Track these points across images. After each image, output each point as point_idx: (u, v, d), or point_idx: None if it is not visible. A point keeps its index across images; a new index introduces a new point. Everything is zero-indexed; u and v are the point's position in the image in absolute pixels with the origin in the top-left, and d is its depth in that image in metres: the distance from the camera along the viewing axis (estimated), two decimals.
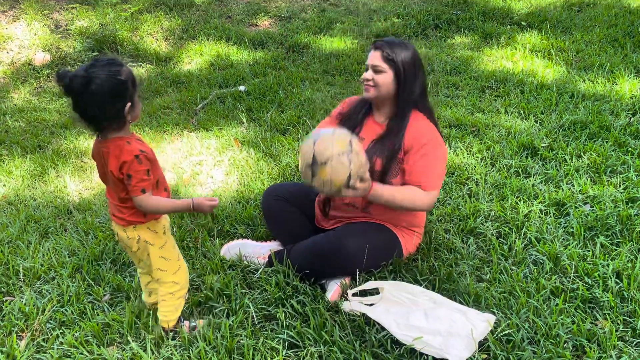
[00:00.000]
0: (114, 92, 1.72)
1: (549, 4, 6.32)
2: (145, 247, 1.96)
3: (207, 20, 6.47)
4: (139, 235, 1.93)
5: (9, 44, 6.05)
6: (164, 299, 2.04)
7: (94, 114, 1.73)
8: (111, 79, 1.71)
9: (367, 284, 2.25)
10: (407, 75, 2.24)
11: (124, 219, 1.91)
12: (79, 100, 1.71)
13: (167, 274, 2.01)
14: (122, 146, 1.78)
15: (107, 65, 1.72)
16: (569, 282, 2.25)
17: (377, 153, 2.28)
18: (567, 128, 3.61)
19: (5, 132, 4.29)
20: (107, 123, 1.77)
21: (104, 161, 1.83)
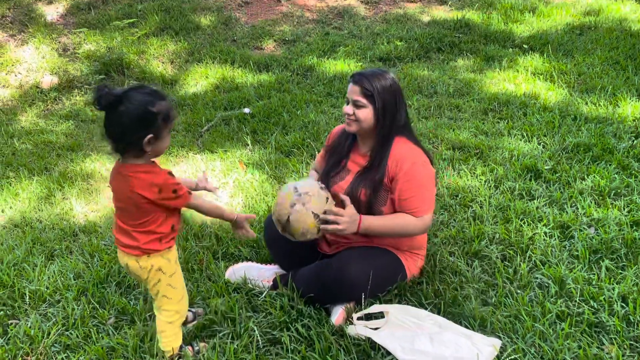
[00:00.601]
0: (139, 119, 1.73)
1: (550, 27, 6.39)
2: (155, 275, 1.95)
3: (212, 43, 6.57)
4: (152, 265, 1.93)
5: (17, 67, 6.15)
6: (163, 329, 2.03)
7: (115, 134, 1.76)
8: (141, 106, 1.72)
9: (372, 308, 2.24)
10: (387, 107, 2.24)
11: (139, 247, 1.89)
12: (107, 116, 1.74)
13: (171, 302, 2.01)
14: (150, 170, 1.81)
15: (146, 93, 1.75)
16: (575, 306, 2.25)
17: (361, 185, 2.29)
18: (570, 150, 3.62)
19: (13, 155, 4.33)
20: (125, 147, 1.78)
21: (127, 187, 1.80)
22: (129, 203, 1.84)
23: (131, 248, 1.90)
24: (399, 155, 2.24)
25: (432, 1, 7.55)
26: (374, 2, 7.58)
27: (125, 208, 1.87)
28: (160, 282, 1.96)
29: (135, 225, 1.87)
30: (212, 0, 7.44)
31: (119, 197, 1.88)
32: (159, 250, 1.92)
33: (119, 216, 1.91)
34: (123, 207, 1.88)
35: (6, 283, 2.61)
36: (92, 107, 5.42)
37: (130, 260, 1.93)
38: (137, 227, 1.87)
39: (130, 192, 1.80)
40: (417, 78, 5.35)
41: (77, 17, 6.91)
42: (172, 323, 2.03)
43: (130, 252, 1.91)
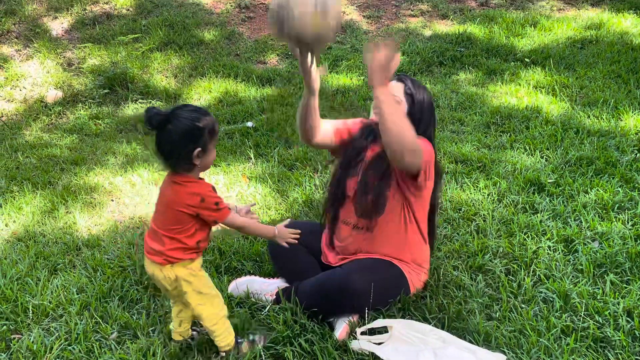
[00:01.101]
0: (187, 135, 1.85)
1: (551, 41, 6.42)
2: (181, 286, 1.99)
3: (215, 58, 6.62)
4: (175, 275, 1.97)
5: (22, 81, 6.20)
6: (212, 330, 2.08)
7: (165, 152, 1.88)
8: (189, 122, 1.84)
9: (375, 322, 2.23)
10: (424, 116, 2.31)
11: (163, 253, 1.94)
12: (157, 135, 1.86)
13: (206, 307, 2.04)
14: (196, 181, 1.92)
15: (191, 110, 1.88)
16: (580, 320, 2.23)
17: (372, 168, 2.31)
18: (573, 164, 3.63)
19: (17, 169, 4.35)
20: (176, 162, 1.89)
21: (172, 193, 1.91)
22: (168, 207, 1.93)
23: (156, 254, 1.96)
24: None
25: (434, 15, 7.60)
26: (376, 16, 7.64)
27: (164, 211, 1.95)
28: (187, 293, 2.00)
29: (166, 229, 1.94)
30: (216, 15, 7.51)
31: (161, 201, 1.98)
32: (181, 260, 1.97)
33: (155, 219, 1.99)
34: (162, 210, 1.97)
35: (9, 297, 2.60)
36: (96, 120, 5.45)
37: (155, 269, 1.99)
38: (167, 232, 1.94)
39: (174, 196, 1.90)
40: None
41: (81, 32, 6.98)
42: (216, 324, 2.07)
43: (155, 260, 1.97)
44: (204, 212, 1.91)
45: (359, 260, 2.36)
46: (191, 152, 1.86)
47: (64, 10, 7.24)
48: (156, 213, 2.01)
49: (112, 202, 3.73)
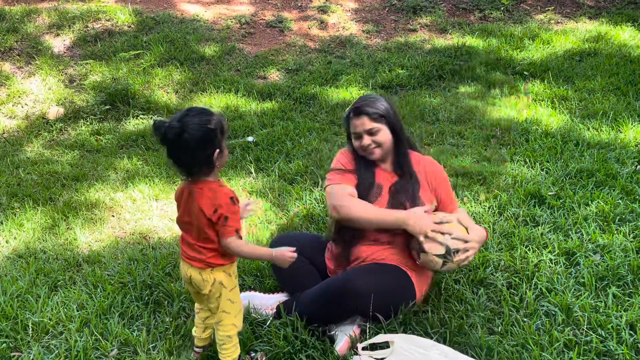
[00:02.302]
0: (204, 140, 1.86)
1: (550, 54, 6.46)
2: (218, 289, 2.02)
3: (216, 73, 6.66)
4: (214, 278, 2.00)
5: (23, 98, 6.23)
6: (223, 342, 2.09)
7: (186, 160, 1.88)
8: (202, 127, 1.85)
9: (377, 337, 2.22)
10: (395, 121, 2.40)
11: (204, 260, 1.97)
12: (174, 148, 1.86)
13: (229, 317, 2.06)
14: (215, 189, 1.91)
15: (198, 114, 1.87)
16: (582, 334, 2.22)
17: (402, 199, 2.38)
18: (574, 176, 3.63)
19: (18, 185, 4.36)
20: (198, 168, 1.90)
21: (193, 201, 1.92)
22: (194, 219, 1.94)
23: (196, 260, 1.98)
24: (423, 165, 2.48)
25: (433, 30, 7.66)
26: (375, 31, 7.69)
27: (191, 223, 1.97)
28: (222, 296, 2.03)
29: (198, 240, 1.96)
30: (216, 31, 7.57)
31: (186, 213, 1.98)
32: (222, 265, 2.00)
33: (186, 230, 2.01)
34: (189, 222, 1.98)
35: (9, 315, 2.59)
36: (97, 136, 5.47)
37: (194, 272, 2.00)
38: (200, 242, 1.96)
39: (197, 208, 1.91)
40: (419, 105, 5.40)
41: (83, 49, 7.03)
42: (230, 337, 2.09)
43: (195, 265, 1.99)
44: (218, 223, 1.92)
45: (364, 265, 2.37)
46: (211, 156, 1.89)
47: (65, 27, 7.31)
48: (184, 225, 2.01)
49: (113, 218, 3.73)
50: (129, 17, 7.49)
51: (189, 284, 2.07)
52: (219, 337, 2.09)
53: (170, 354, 2.27)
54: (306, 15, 8.10)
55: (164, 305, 2.61)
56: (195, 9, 8.01)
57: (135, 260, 3.04)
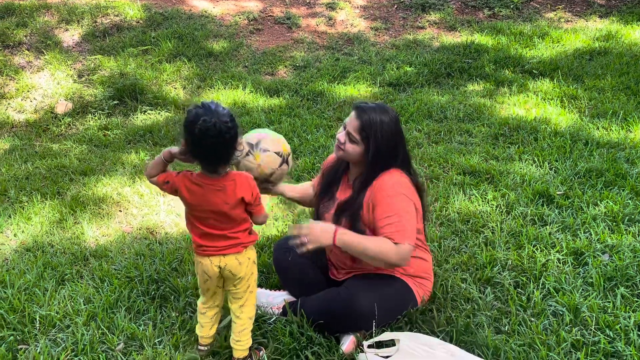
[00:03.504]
0: (237, 133, 1.95)
1: (560, 53, 6.41)
2: (251, 269, 2.12)
3: (224, 69, 6.66)
4: (248, 257, 2.10)
5: (32, 92, 6.26)
6: (245, 327, 2.13)
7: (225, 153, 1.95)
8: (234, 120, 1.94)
9: (382, 335, 2.21)
10: (381, 152, 2.21)
11: (240, 243, 2.05)
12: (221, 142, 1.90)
13: (253, 296, 2.16)
14: (240, 175, 2.01)
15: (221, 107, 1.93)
16: (590, 334, 2.20)
17: (342, 215, 2.30)
18: (583, 176, 3.60)
19: (26, 179, 4.38)
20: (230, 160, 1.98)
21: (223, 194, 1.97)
22: (225, 209, 1.99)
23: (232, 247, 2.05)
24: (379, 185, 2.22)
25: (442, 27, 7.62)
26: (383, 28, 7.67)
27: (220, 215, 2.00)
28: (253, 274, 2.13)
29: (232, 226, 2.03)
30: (224, 27, 7.57)
31: (209, 207, 2.00)
32: (253, 241, 2.12)
33: (210, 224, 2.03)
34: (215, 215, 2.01)
35: (17, 308, 2.61)
36: (105, 131, 5.49)
37: (229, 260, 2.06)
38: (236, 227, 2.04)
39: (230, 198, 1.97)
40: (427, 103, 5.37)
41: (92, 44, 7.05)
42: (251, 318, 2.16)
43: (230, 252, 2.05)
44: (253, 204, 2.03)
45: (363, 276, 2.33)
46: (236, 147, 1.97)
47: (74, 22, 7.33)
48: (209, 220, 2.02)
49: (120, 213, 3.74)
50: (138, 12, 7.50)
51: (217, 278, 2.09)
52: (241, 322, 2.12)
53: (176, 349, 2.28)
54: (314, 12, 8.08)
55: (170, 300, 2.62)
56: (204, 5, 8.01)
57: (142, 255, 3.05)
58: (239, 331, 2.13)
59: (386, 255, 2.12)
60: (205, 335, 2.23)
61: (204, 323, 2.22)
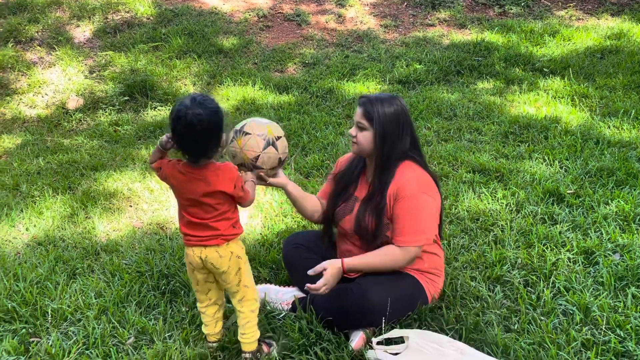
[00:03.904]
0: (219, 125, 1.96)
1: (570, 51, 6.37)
2: (236, 263, 2.11)
3: (234, 66, 6.67)
4: (231, 252, 2.08)
5: (44, 88, 6.31)
6: (249, 320, 2.15)
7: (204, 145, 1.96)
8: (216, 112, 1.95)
9: (392, 332, 2.22)
10: (387, 133, 2.24)
11: (220, 235, 2.05)
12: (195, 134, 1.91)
13: (250, 290, 2.16)
14: (220, 167, 2.02)
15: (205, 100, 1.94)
16: (601, 334, 2.19)
17: (366, 213, 2.31)
18: (594, 175, 3.58)
19: (37, 174, 4.42)
20: (211, 152, 1.99)
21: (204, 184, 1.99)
22: (206, 199, 2.01)
23: (212, 238, 2.05)
24: (401, 182, 2.25)
25: (452, 25, 7.59)
26: (393, 25, 7.65)
27: (200, 204, 2.03)
28: (241, 270, 2.12)
29: (213, 216, 2.03)
30: (234, 24, 7.58)
31: (190, 196, 2.03)
32: (236, 235, 2.10)
33: (192, 212, 2.05)
34: (196, 204, 2.03)
35: (29, 301, 2.64)
36: (116, 126, 5.52)
37: (209, 252, 2.06)
38: (216, 217, 2.04)
39: (210, 189, 1.99)
40: (437, 101, 5.36)
41: (103, 40, 7.09)
42: (254, 311, 2.16)
43: (210, 243, 2.05)
44: (237, 194, 2.04)
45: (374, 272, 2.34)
46: (220, 139, 1.99)
47: (86, 18, 7.37)
48: (190, 207, 2.05)
49: (131, 208, 3.76)
50: (148, 8, 7.53)
51: (200, 269, 2.11)
52: (244, 316, 2.14)
53: (186, 343, 2.30)
54: (324, 9, 8.08)
55: (180, 295, 2.64)
56: (214, 2, 8.02)
57: (152, 250, 3.08)
58: (242, 324, 2.16)
59: (394, 263, 2.27)
60: (211, 333, 2.25)
61: (207, 322, 2.24)
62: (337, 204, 2.46)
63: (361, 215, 2.32)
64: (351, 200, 2.41)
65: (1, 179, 4.34)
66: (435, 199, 2.28)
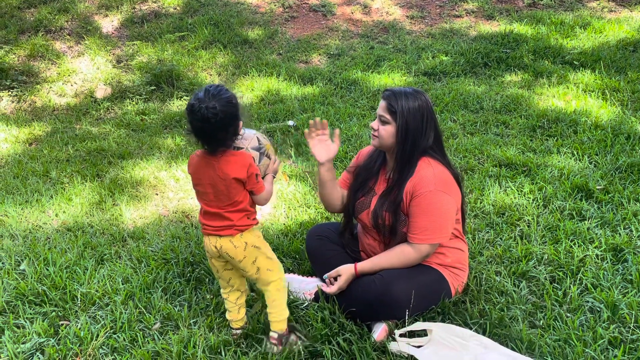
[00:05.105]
0: (234, 115, 1.99)
1: (602, 44, 6.22)
2: (252, 253, 2.12)
3: (259, 56, 6.69)
4: (245, 242, 2.10)
5: (73, 77, 6.42)
6: (275, 299, 2.18)
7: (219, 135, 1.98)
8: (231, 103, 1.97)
9: (415, 325, 2.21)
10: (410, 128, 2.21)
11: (233, 226, 2.07)
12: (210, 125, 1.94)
13: (274, 273, 2.18)
14: (237, 154, 2.05)
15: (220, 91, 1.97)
16: (629, 332, 2.16)
17: (383, 208, 2.30)
18: (624, 170, 3.50)
19: (67, 161, 4.51)
20: (227, 141, 2.02)
21: (216, 170, 2.01)
22: (220, 187, 2.03)
23: (225, 229, 2.08)
24: (418, 179, 2.23)
25: (480, 16, 7.48)
26: (419, 16, 7.57)
27: (216, 193, 2.05)
28: (258, 258, 2.14)
29: (226, 205, 2.06)
30: (260, 14, 7.59)
31: (207, 184, 2.05)
32: (250, 226, 2.11)
33: (208, 202, 2.09)
34: (212, 192, 2.06)
35: (58, 285, 2.70)
36: (142, 116, 5.59)
37: (224, 241, 2.09)
38: (229, 207, 2.06)
39: (223, 176, 2.01)
40: (463, 93, 5.29)
41: (130, 30, 7.18)
42: (280, 290, 2.19)
43: (224, 233, 2.08)
44: (249, 182, 2.05)
45: None
46: (237, 128, 2.02)
47: (114, 8, 7.47)
48: (207, 195, 2.07)
49: (157, 196, 3.82)
50: None
51: (217, 258, 2.16)
52: (270, 294, 2.17)
53: (210, 330, 2.33)
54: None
55: (205, 283, 2.67)
56: None
57: (178, 238, 3.12)
58: (270, 303, 2.19)
59: (407, 262, 2.27)
60: (234, 319, 2.28)
61: (230, 307, 2.27)
62: (357, 198, 2.45)
63: (378, 210, 2.31)
64: (370, 195, 2.41)
65: (32, 165, 4.45)
66: (453, 197, 2.24)
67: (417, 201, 2.21)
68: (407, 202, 2.25)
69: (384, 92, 2.28)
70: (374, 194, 2.39)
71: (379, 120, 2.28)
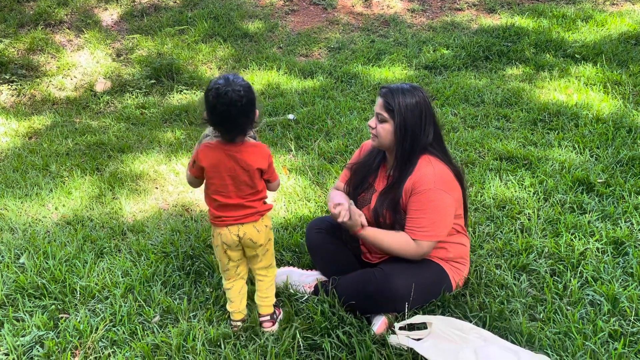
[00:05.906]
0: (254, 101, 2.01)
1: (604, 37, 6.19)
2: (268, 234, 2.21)
3: (259, 50, 6.67)
4: (265, 225, 2.19)
5: (72, 71, 6.40)
6: (270, 284, 2.28)
7: (242, 122, 2.01)
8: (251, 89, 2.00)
9: (415, 318, 2.21)
10: (408, 125, 2.19)
11: (257, 212, 2.15)
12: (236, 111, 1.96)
13: (272, 256, 2.30)
14: (255, 144, 2.09)
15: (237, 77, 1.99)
16: (629, 325, 2.15)
17: (383, 206, 2.29)
18: (625, 164, 3.49)
19: (66, 155, 4.50)
20: (247, 129, 2.05)
21: (242, 162, 2.05)
22: (243, 177, 2.07)
23: (249, 216, 2.14)
24: (417, 177, 2.21)
25: (481, 9, 7.44)
26: (420, 10, 7.53)
27: (236, 184, 2.09)
28: (270, 240, 2.25)
29: (248, 195, 2.11)
30: (260, 7, 7.56)
31: (226, 175, 2.07)
32: (269, 209, 2.21)
33: (227, 194, 2.10)
34: (232, 183, 2.08)
35: (58, 278, 2.70)
36: (142, 109, 5.58)
37: (247, 228, 2.15)
38: (250, 197, 2.12)
39: (247, 167, 2.05)
40: (464, 86, 5.27)
41: (130, 24, 7.15)
42: (274, 275, 2.34)
43: (248, 220, 2.14)
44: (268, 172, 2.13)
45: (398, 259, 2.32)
46: (255, 116, 2.04)
47: (114, 1, 7.44)
48: (226, 187, 2.09)
49: (157, 190, 3.81)
50: None
51: (236, 247, 2.17)
52: (268, 280, 2.27)
53: (210, 323, 2.33)
54: None
55: (204, 276, 2.67)
56: None
57: (178, 232, 3.11)
58: (267, 288, 2.26)
59: (405, 252, 2.24)
60: (236, 310, 2.28)
61: (233, 298, 2.28)
62: (357, 193, 2.45)
63: (379, 208, 2.30)
64: (370, 191, 2.40)
65: (31, 159, 4.44)
66: (453, 196, 2.22)
67: (415, 198, 2.20)
68: (406, 199, 2.24)
69: (381, 90, 2.25)
70: (374, 190, 2.38)
71: (376, 118, 2.26)
